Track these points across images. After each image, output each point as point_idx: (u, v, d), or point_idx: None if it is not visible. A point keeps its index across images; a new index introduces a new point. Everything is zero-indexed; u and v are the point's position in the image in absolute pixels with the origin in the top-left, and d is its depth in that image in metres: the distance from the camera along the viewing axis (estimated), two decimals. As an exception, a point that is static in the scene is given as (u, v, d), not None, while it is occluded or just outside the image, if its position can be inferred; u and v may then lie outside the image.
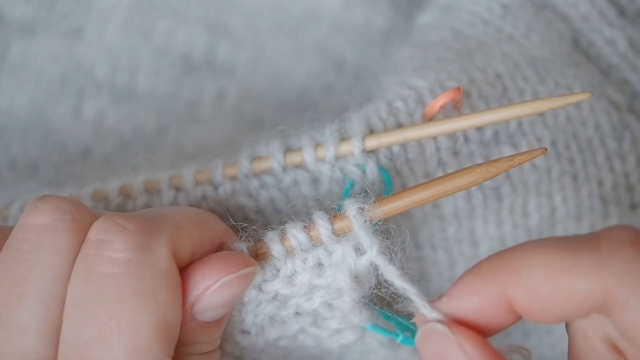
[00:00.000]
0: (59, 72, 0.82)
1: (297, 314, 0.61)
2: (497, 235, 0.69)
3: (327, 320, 0.61)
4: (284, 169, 0.65)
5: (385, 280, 0.59)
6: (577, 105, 0.67)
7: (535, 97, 0.67)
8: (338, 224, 0.59)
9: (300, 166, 0.65)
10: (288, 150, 0.65)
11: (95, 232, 0.54)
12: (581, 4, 0.72)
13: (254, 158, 0.65)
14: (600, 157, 0.69)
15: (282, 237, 0.59)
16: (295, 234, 0.59)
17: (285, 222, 0.60)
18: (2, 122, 0.81)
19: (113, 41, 0.82)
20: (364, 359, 0.66)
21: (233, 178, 0.65)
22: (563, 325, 0.76)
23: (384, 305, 0.62)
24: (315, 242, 0.59)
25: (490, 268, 0.54)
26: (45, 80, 0.82)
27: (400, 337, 0.62)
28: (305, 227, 0.59)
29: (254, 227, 0.60)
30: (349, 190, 0.64)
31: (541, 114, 0.67)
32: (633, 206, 0.70)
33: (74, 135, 0.81)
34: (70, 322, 0.53)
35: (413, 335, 0.62)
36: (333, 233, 0.59)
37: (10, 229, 0.57)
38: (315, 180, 0.65)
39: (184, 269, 0.57)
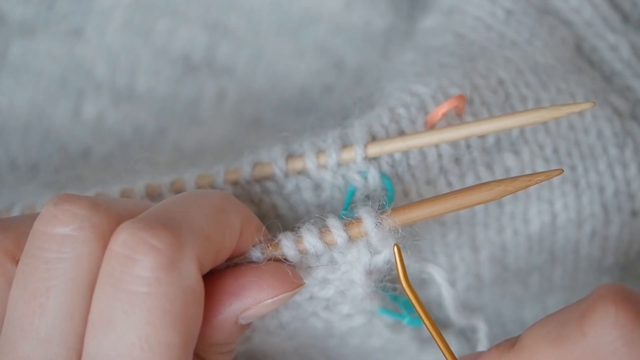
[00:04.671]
0: (59, 72, 0.81)
1: (311, 298, 0.62)
2: (498, 241, 0.69)
3: (339, 305, 0.62)
4: (286, 175, 0.64)
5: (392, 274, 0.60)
6: (580, 112, 0.67)
7: (538, 104, 0.67)
8: (353, 231, 0.59)
9: (302, 172, 0.65)
10: (290, 156, 0.65)
11: (121, 246, 0.53)
12: (585, 10, 0.72)
13: (256, 164, 0.65)
14: (602, 165, 0.69)
15: (297, 240, 0.59)
16: (312, 242, 0.59)
17: (299, 227, 0.59)
18: (2, 122, 0.80)
19: (113, 41, 0.82)
20: (365, 342, 0.67)
21: (235, 183, 0.65)
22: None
23: (388, 287, 0.63)
24: (330, 246, 0.59)
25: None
26: (45, 80, 0.81)
27: (407, 319, 0.64)
28: (320, 231, 0.59)
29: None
30: (350, 196, 0.64)
31: (544, 123, 0.67)
32: (634, 213, 0.70)
33: (74, 136, 0.81)
34: (95, 337, 0.53)
35: (418, 316, 0.63)
36: (348, 240, 0.59)
37: (33, 217, 0.56)
38: (317, 187, 0.65)
39: (237, 274, 0.57)
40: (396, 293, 0.64)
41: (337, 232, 0.58)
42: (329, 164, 0.64)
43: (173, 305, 0.53)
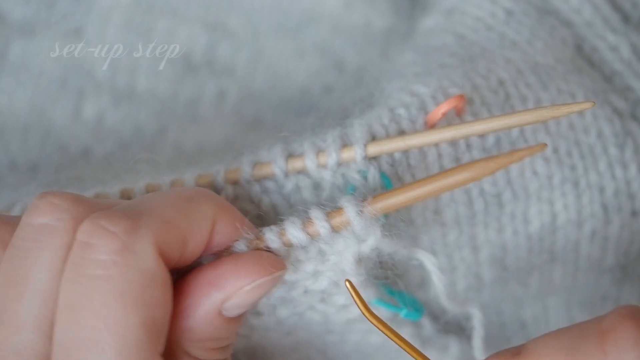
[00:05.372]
0: (59, 72, 0.82)
1: (306, 292, 0.62)
2: (498, 241, 0.69)
3: (334, 296, 0.62)
4: (286, 174, 0.65)
5: (384, 262, 0.61)
6: (580, 112, 0.67)
7: (538, 104, 0.67)
8: (336, 221, 0.59)
9: (302, 172, 0.65)
10: (290, 156, 0.65)
11: (81, 234, 0.55)
12: (585, 10, 0.72)
13: (256, 163, 0.65)
14: (602, 165, 0.69)
15: (281, 234, 0.59)
16: (295, 234, 0.59)
17: (283, 220, 0.60)
18: (2, 122, 0.81)
19: (113, 41, 0.82)
20: (365, 338, 0.68)
21: (235, 183, 0.65)
22: (562, 313, 0.77)
23: (386, 283, 0.63)
24: (315, 238, 0.60)
25: None
26: (45, 80, 0.81)
27: (404, 311, 0.64)
28: (303, 223, 0.59)
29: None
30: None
31: (544, 122, 0.67)
32: (634, 213, 0.70)
33: (74, 136, 0.81)
34: (61, 323, 0.54)
35: (416, 310, 0.63)
36: (332, 230, 0.59)
37: (18, 219, 0.57)
38: (316, 186, 0.65)
39: (216, 264, 0.58)
40: (389, 282, 0.64)
41: (319, 222, 0.59)
42: (329, 163, 0.64)
43: (130, 287, 0.54)
